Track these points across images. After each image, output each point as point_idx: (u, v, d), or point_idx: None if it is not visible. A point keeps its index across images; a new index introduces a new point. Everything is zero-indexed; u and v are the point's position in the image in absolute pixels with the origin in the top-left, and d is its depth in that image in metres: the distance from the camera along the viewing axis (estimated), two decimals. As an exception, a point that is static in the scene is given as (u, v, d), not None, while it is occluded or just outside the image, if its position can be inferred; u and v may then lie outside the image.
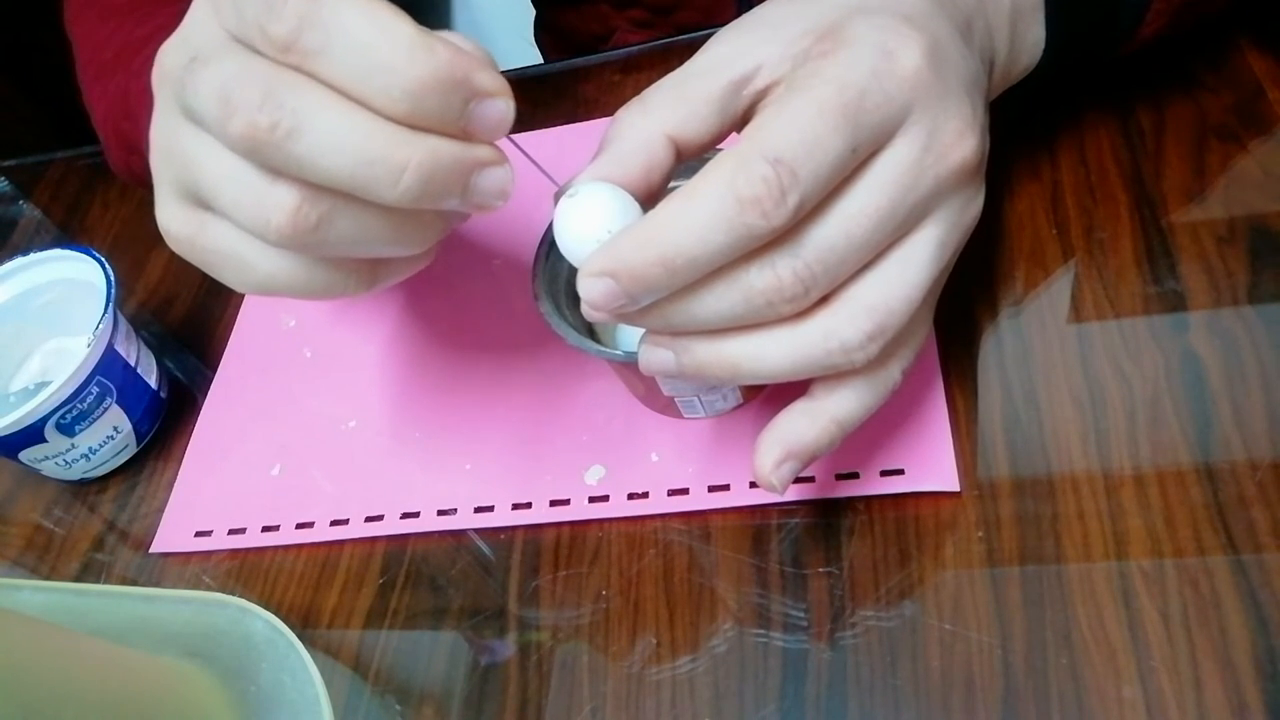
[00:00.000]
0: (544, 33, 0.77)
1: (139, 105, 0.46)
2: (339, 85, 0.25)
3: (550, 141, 0.50)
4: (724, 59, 0.30)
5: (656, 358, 0.30)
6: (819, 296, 0.28)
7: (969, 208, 0.31)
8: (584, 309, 0.28)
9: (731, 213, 0.26)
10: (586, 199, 0.29)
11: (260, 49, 0.25)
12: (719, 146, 0.32)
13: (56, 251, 0.47)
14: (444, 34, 0.27)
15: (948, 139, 0.29)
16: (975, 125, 0.29)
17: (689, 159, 0.31)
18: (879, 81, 0.27)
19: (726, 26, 0.32)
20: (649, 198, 0.30)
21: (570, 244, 0.29)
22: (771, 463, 0.30)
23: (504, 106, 0.26)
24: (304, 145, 0.25)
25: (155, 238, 0.31)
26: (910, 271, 0.29)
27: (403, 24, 0.24)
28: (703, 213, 0.26)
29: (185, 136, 0.28)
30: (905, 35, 0.28)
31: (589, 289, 0.27)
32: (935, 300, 0.32)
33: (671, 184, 0.32)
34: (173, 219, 0.30)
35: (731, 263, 0.27)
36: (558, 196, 0.29)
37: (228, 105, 0.25)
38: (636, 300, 0.27)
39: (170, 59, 0.29)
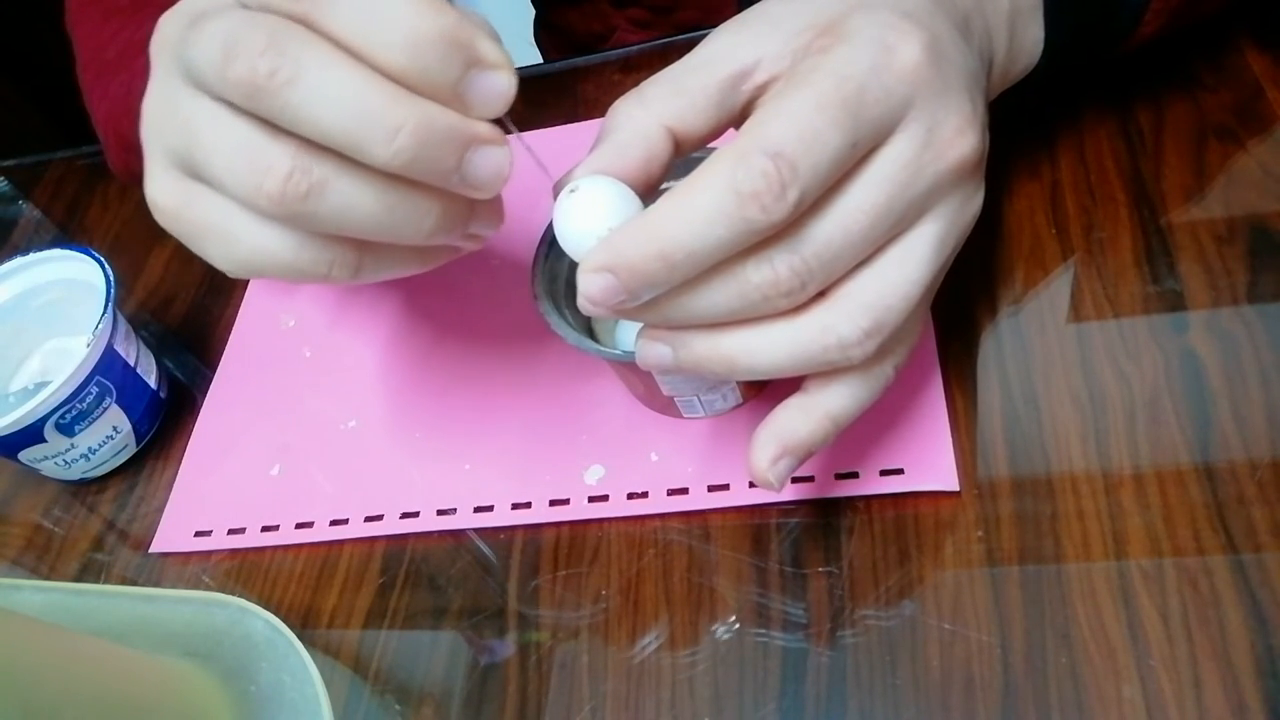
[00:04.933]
0: (544, 32, 0.77)
1: (140, 104, 0.46)
2: (343, 34, 0.25)
3: (550, 141, 0.50)
4: (723, 53, 0.30)
5: (653, 352, 0.30)
6: (815, 291, 0.28)
7: (968, 205, 0.30)
8: (581, 303, 0.28)
9: (732, 207, 0.26)
10: (586, 194, 0.29)
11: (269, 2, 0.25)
12: (711, 145, 0.32)
13: (56, 251, 0.47)
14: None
15: (947, 135, 0.28)
16: (975, 122, 0.29)
17: (687, 153, 0.31)
18: (878, 76, 0.27)
19: (726, 21, 0.32)
20: (648, 189, 0.30)
21: (570, 239, 0.29)
22: (768, 459, 0.30)
23: (504, 81, 0.26)
24: (300, 94, 0.24)
25: (155, 238, 0.31)
26: (908, 268, 0.29)
27: None
28: (703, 207, 0.26)
29: (182, 99, 0.27)
30: (905, 31, 0.28)
31: (588, 284, 0.27)
32: (931, 298, 0.32)
33: (664, 185, 0.32)
34: (161, 190, 0.29)
35: (729, 258, 0.27)
36: (557, 190, 0.29)
37: (230, 51, 0.25)
38: (636, 296, 0.27)
39: (171, 25, 0.29)
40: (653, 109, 0.30)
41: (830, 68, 0.27)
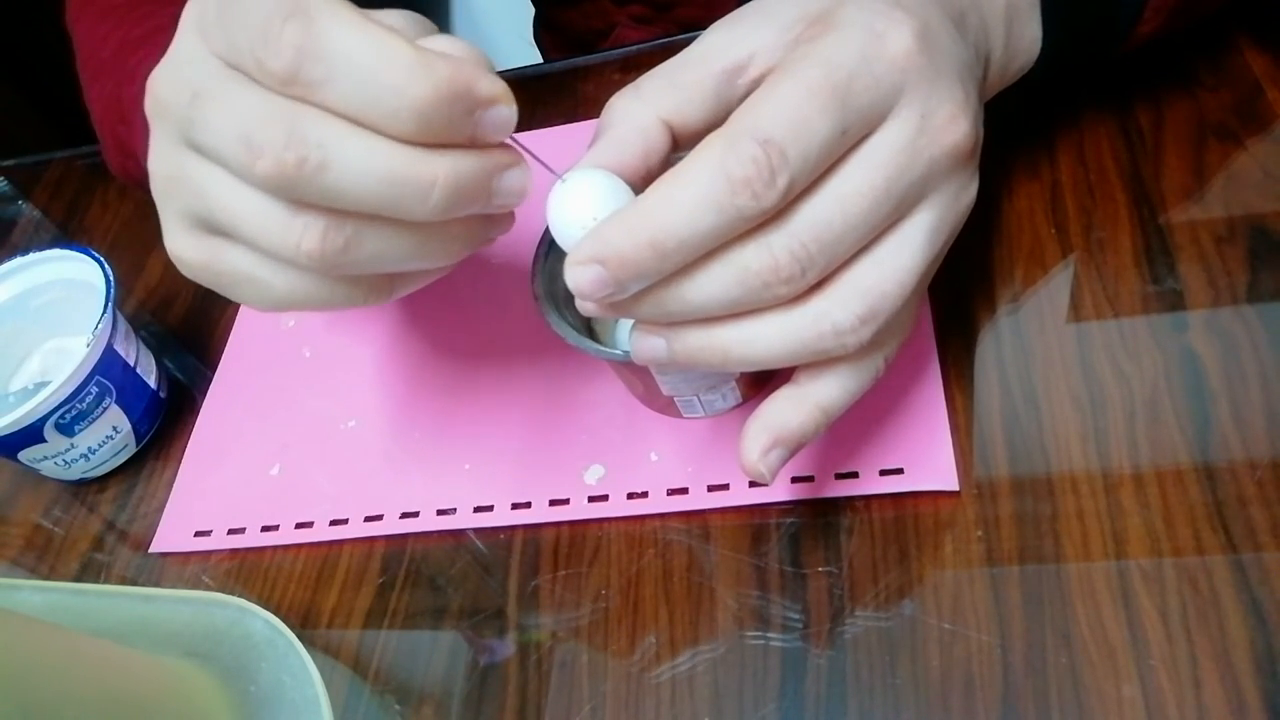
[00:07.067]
0: (544, 30, 0.77)
1: (133, 111, 0.46)
2: (345, 113, 0.25)
3: (550, 141, 0.50)
4: (718, 47, 0.31)
5: (648, 346, 0.30)
6: (816, 278, 0.27)
7: (962, 195, 0.30)
8: (580, 304, 0.28)
9: (722, 193, 0.26)
10: (577, 184, 0.29)
11: (258, 80, 0.25)
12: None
13: (56, 251, 0.47)
14: (439, 40, 0.27)
15: (940, 122, 0.28)
16: (968, 110, 0.29)
17: (684, 147, 0.31)
18: (868, 63, 0.27)
19: (723, 18, 0.32)
20: (647, 184, 0.30)
21: (560, 229, 0.29)
22: (759, 450, 0.30)
23: (507, 112, 0.26)
24: (333, 177, 0.25)
25: (155, 238, 0.31)
26: (903, 256, 0.28)
27: (400, 45, 0.24)
28: (692, 194, 0.26)
29: (192, 167, 0.28)
30: (895, 18, 0.28)
31: (577, 278, 0.27)
32: (925, 290, 0.32)
33: None
34: (185, 247, 0.29)
35: (726, 246, 0.27)
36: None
37: (252, 148, 0.25)
38: (624, 288, 0.27)
39: (165, 91, 0.28)
40: (650, 103, 0.30)
41: (819, 55, 0.27)
